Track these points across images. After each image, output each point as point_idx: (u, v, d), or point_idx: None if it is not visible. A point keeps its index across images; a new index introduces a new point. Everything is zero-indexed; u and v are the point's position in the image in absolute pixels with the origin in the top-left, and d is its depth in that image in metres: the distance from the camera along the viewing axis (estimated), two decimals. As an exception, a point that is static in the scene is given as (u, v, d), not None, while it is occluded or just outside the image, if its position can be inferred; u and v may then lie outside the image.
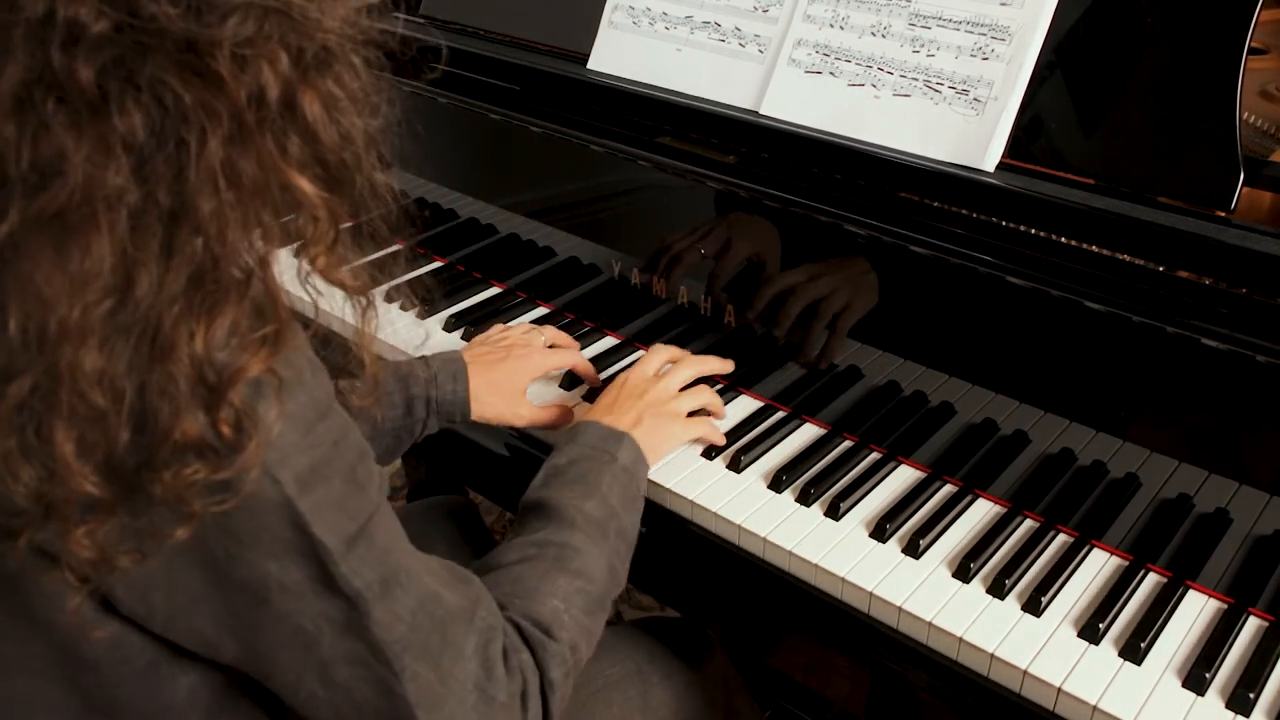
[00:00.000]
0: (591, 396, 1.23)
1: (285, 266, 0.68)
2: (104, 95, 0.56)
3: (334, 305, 0.75)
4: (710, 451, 1.12)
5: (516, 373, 1.15)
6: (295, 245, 0.68)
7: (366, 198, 0.70)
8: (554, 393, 1.24)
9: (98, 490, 0.60)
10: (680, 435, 1.09)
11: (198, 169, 0.58)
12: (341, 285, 0.71)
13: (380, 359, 1.06)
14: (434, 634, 0.73)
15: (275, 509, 0.65)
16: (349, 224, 0.69)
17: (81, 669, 0.71)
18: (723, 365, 1.17)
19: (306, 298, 0.73)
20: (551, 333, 1.24)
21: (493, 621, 0.78)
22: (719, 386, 1.23)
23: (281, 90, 0.60)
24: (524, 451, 1.20)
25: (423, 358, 1.13)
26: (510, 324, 1.36)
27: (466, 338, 1.34)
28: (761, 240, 1.17)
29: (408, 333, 1.35)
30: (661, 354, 1.14)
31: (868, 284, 1.10)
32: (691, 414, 1.11)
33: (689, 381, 1.13)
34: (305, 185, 0.63)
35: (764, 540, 1.02)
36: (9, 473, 0.59)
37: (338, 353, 0.80)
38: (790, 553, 1.01)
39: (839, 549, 1.01)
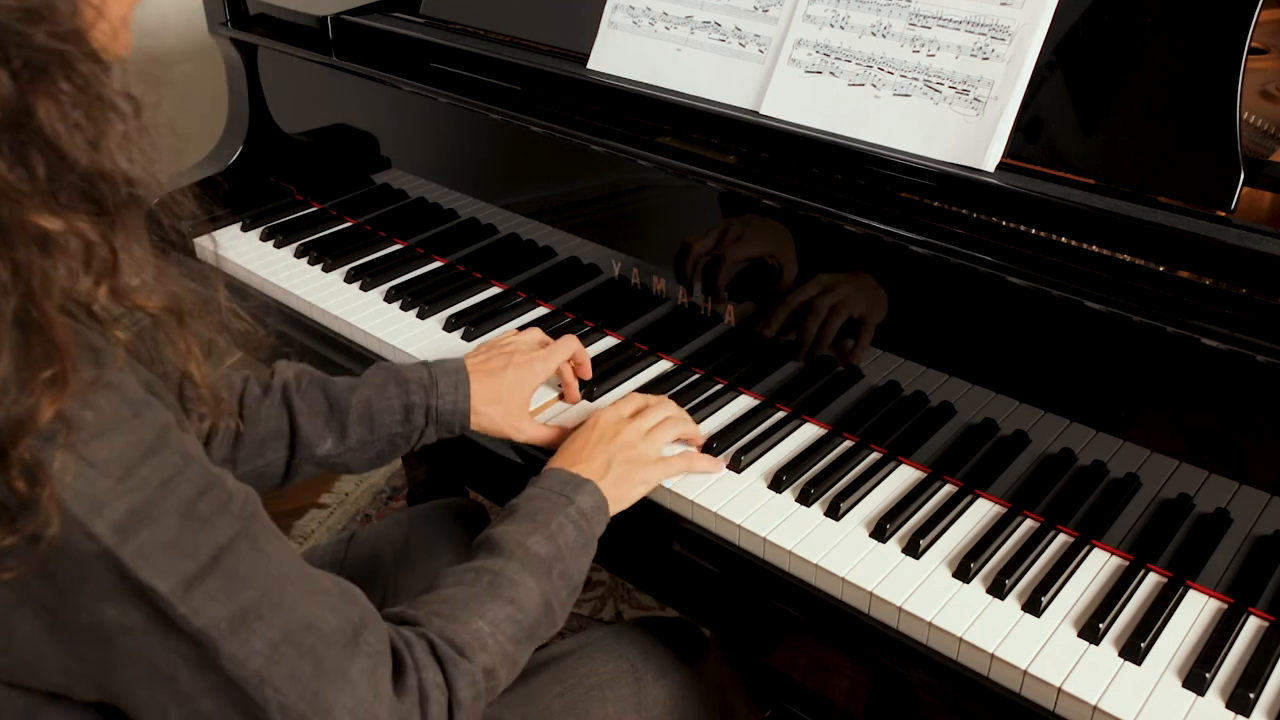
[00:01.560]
0: (591, 394, 1.23)
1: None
2: None
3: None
4: (710, 451, 1.12)
5: (520, 383, 1.13)
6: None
7: (158, 204, 0.66)
8: (550, 394, 1.23)
9: None
10: (653, 479, 1.06)
11: None
12: (141, 308, 0.65)
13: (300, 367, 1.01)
14: (303, 663, 0.70)
15: (95, 559, 0.61)
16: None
17: None
18: (696, 431, 1.14)
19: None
20: (563, 343, 1.21)
21: (379, 646, 0.76)
22: (719, 387, 1.23)
23: (7, 110, 0.55)
24: (526, 453, 1.20)
25: (424, 363, 1.12)
26: (514, 327, 1.36)
27: (467, 338, 1.34)
28: (761, 240, 1.17)
29: (407, 332, 1.35)
30: (636, 400, 1.12)
31: (868, 284, 1.10)
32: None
33: (659, 424, 1.09)
34: (52, 222, 0.57)
35: (764, 540, 1.02)
36: None
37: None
38: (790, 553, 1.01)
39: (839, 549, 1.01)
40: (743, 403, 1.22)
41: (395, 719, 0.75)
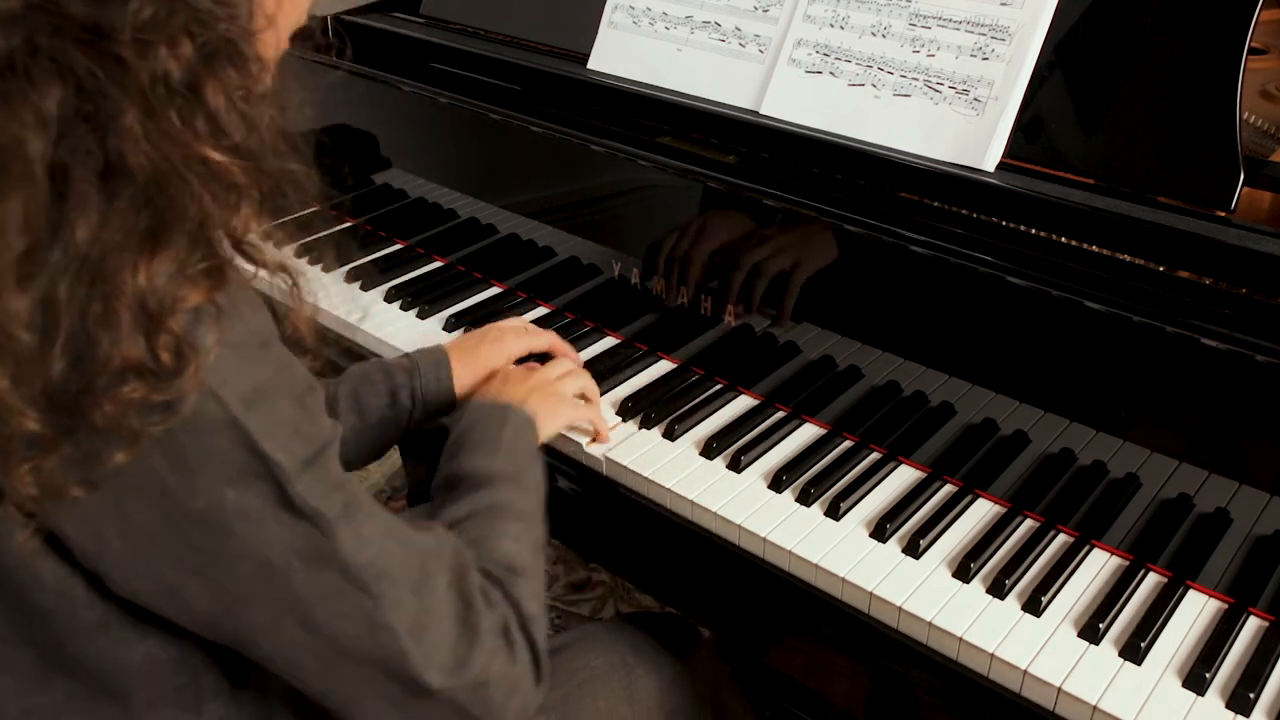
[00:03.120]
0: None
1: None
2: (14, 67, 0.59)
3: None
4: (710, 450, 1.12)
5: (494, 355, 1.16)
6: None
7: (286, 189, 0.72)
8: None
9: (39, 425, 0.61)
10: (569, 415, 1.11)
11: (120, 135, 0.61)
12: (263, 265, 0.72)
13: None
14: (408, 561, 0.73)
15: (222, 429, 0.65)
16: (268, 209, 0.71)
17: (33, 620, 0.71)
18: (595, 389, 1.18)
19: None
20: (547, 337, 1.24)
21: (463, 559, 0.78)
22: (719, 387, 1.23)
23: (184, 74, 0.62)
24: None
25: (406, 354, 1.15)
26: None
27: (466, 338, 1.34)
28: (762, 240, 1.17)
29: (407, 332, 1.36)
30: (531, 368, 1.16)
31: (868, 284, 1.10)
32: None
33: (566, 373, 1.15)
34: (215, 155, 0.64)
35: (764, 540, 1.02)
36: None
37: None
38: (790, 552, 1.01)
39: (839, 549, 1.01)
40: (743, 403, 1.22)
41: (489, 626, 0.77)
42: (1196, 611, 0.94)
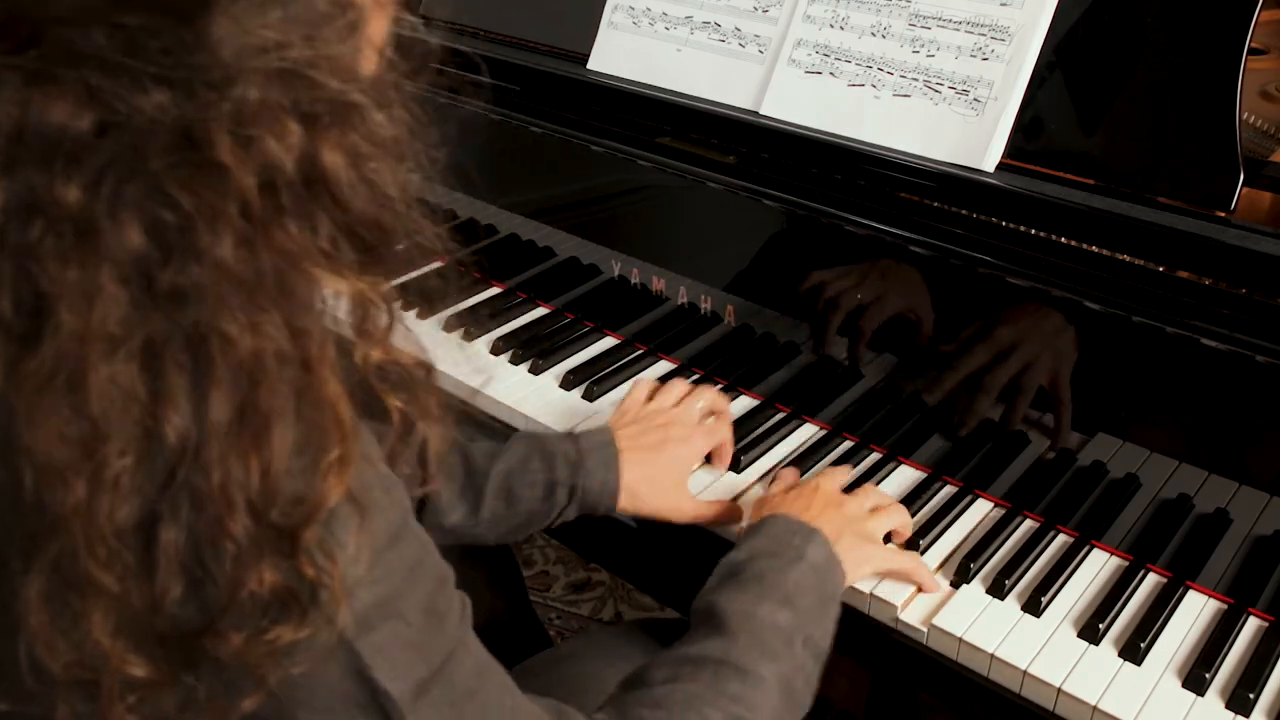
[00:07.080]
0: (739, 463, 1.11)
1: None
2: (92, 216, 0.47)
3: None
4: (710, 457, 1.12)
5: (678, 461, 1.02)
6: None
7: (415, 255, 0.61)
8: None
9: (143, 672, 0.53)
10: (881, 562, 0.95)
11: (213, 285, 0.49)
12: (398, 363, 0.60)
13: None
14: None
15: (331, 653, 0.56)
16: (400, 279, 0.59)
17: None
18: (908, 522, 1.01)
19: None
20: (710, 397, 1.12)
21: None
22: (719, 387, 1.22)
23: (297, 163, 0.51)
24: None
25: (571, 435, 1.02)
26: (515, 327, 1.36)
27: (466, 338, 1.33)
28: (761, 240, 1.17)
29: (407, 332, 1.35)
30: (841, 474, 1.03)
31: (868, 284, 1.10)
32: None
33: (880, 508, 0.99)
34: (339, 282, 0.54)
35: (764, 540, 1.02)
36: (46, 652, 0.52)
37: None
38: (790, 553, 1.01)
39: (839, 549, 1.01)
40: (742, 403, 1.22)
41: None
42: (1196, 612, 0.94)
